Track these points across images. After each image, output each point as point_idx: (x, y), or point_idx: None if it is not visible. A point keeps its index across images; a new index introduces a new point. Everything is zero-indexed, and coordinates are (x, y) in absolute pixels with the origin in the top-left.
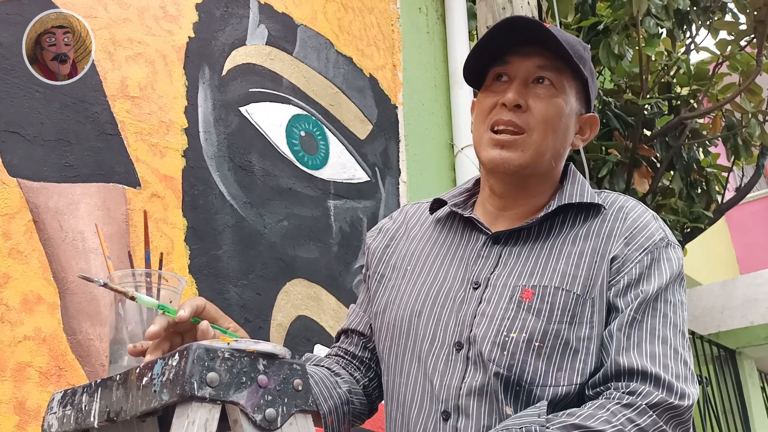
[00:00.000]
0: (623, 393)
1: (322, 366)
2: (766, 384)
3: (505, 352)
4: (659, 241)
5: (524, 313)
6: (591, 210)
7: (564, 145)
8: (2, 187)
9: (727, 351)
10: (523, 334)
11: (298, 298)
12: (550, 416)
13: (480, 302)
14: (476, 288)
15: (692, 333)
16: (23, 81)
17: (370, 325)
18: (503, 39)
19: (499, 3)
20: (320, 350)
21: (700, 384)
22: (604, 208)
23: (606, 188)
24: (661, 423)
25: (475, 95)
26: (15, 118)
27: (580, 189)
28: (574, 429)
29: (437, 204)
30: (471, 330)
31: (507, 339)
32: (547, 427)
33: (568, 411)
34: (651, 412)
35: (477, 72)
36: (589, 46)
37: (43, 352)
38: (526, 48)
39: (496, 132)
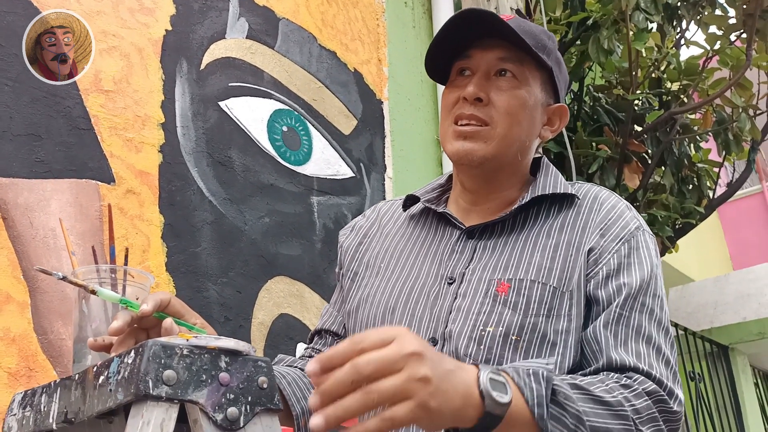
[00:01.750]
0: (620, 376)
1: (295, 367)
2: (759, 380)
3: (482, 347)
4: (635, 229)
5: (500, 307)
6: (565, 201)
7: (530, 137)
8: None
9: (720, 347)
10: (500, 328)
11: (281, 296)
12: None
13: (455, 297)
14: (451, 283)
15: (685, 329)
16: None
17: (344, 324)
18: (465, 33)
19: None
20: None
21: (692, 380)
22: (578, 198)
23: (596, 184)
24: (654, 410)
25: None
26: None
27: (554, 180)
28: (576, 388)
29: (410, 200)
30: (446, 325)
31: (483, 333)
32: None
33: (570, 375)
34: (647, 397)
35: (442, 67)
36: (578, 41)
37: (13, 353)
38: (488, 41)
39: (459, 125)
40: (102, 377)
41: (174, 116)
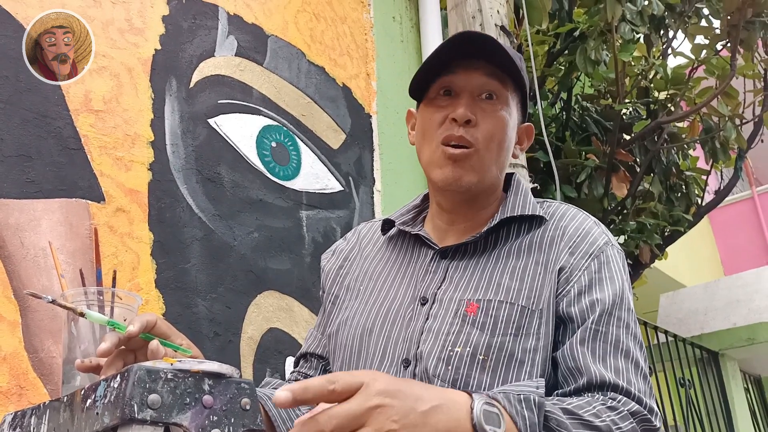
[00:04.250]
0: (605, 398)
1: (267, 391)
2: (749, 385)
3: (450, 367)
4: (603, 245)
5: (468, 327)
6: (534, 220)
7: (508, 157)
8: None
9: (710, 353)
10: (467, 348)
11: (270, 311)
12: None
13: (427, 318)
14: (424, 304)
15: (675, 336)
16: None
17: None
18: (449, 53)
19: (468, 12)
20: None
21: (683, 387)
22: (546, 218)
23: (585, 193)
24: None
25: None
26: None
27: (523, 200)
28: (567, 413)
29: (387, 224)
30: (418, 346)
31: (452, 354)
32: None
33: (558, 397)
34: (632, 419)
35: (420, 84)
36: (566, 51)
37: (3, 371)
38: (471, 61)
39: (449, 147)
40: (89, 400)
41: (163, 134)
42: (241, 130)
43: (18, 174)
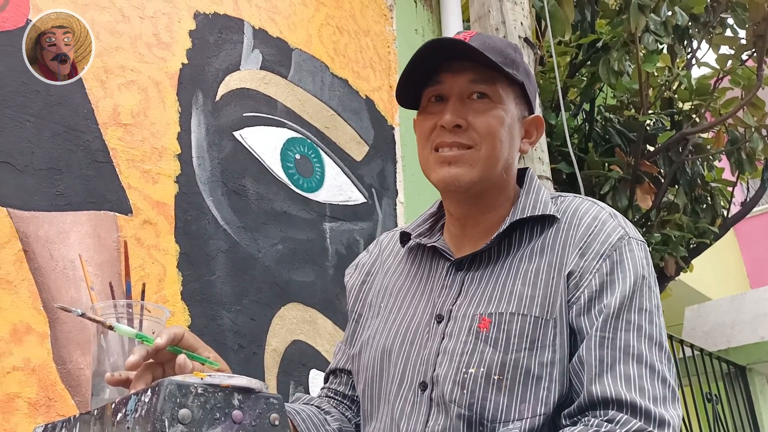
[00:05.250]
0: (602, 420)
1: (311, 404)
2: None
3: (465, 391)
4: (617, 241)
5: (482, 345)
6: (546, 219)
7: (512, 154)
8: None
9: (738, 367)
10: (481, 369)
11: (294, 323)
12: None
13: (443, 338)
14: (440, 321)
15: (701, 350)
16: (14, 111)
17: None
18: (433, 59)
19: (492, 24)
20: (317, 377)
21: (709, 402)
22: (557, 217)
23: (609, 205)
24: None
25: None
26: (6, 148)
27: (534, 199)
28: None
29: (405, 236)
30: (434, 369)
31: (466, 376)
32: None
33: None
34: None
35: (413, 94)
36: (589, 62)
37: (33, 383)
38: (457, 64)
39: (440, 152)
40: (120, 414)
41: (190, 147)
42: (265, 143)
43: (48, 187)
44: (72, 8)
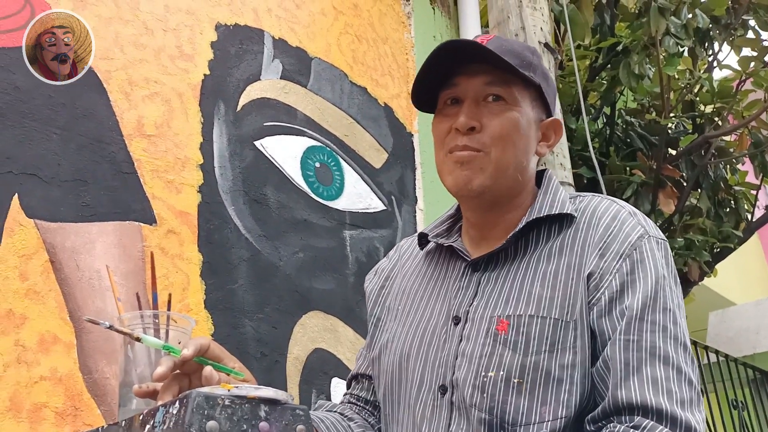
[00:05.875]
0: (627, 427)
1: (335, 411)
2: None
3: (485, 395)
4: (637, 240)
5: (500, 348)
6: (564, 219)
7: (526, 157)
8: (19, 229)
9: (764, 374)
10: (501, 372)
11: (315, 331)
12: None
13: (461, 340)
14: (457, 323)
15: (726, 356)
16: (40, 124)
17: None
18: (449, 61)
19: (511, 30)
20: (338, 384)
21: (735, 409)
22: (575, 216)
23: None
24: None
25: None
26: (32, 161)
27: (552, 199)
28: None
29: (423, 238)
30: (453, 372)
31: (486, 380)
32: None
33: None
34: None
35: (429, 97)
36: (609, 66)
37: (59, 392)
38: (473, 66)
39: (453, 154)
40: (148, 426)
41: (212, 157)
42: (285, 152)
43: (74, 198)
44: (96, 23)
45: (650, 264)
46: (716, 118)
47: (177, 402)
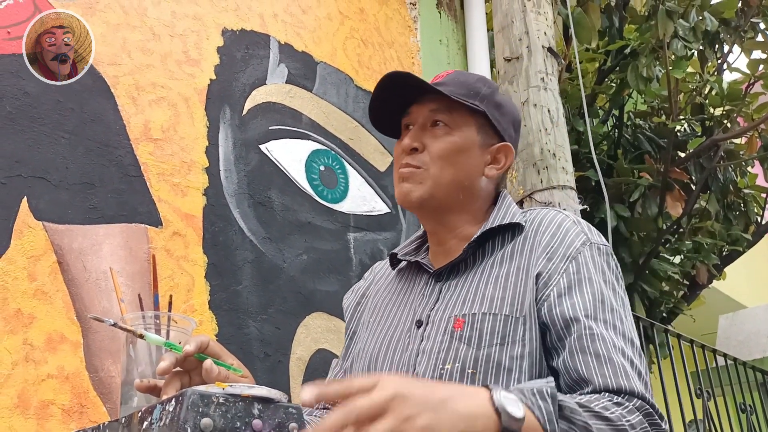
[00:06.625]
0: (612, 396)
1: (314, 416)
2: None
3: None
4: (581, 245)
5: (456, 343)
6: (516, 230)
7: (470, 177)
8: (28, 231)
9: None
10: (456, 364)
11: (318, 332)
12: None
13: (422, 340)
14: (419, 326)
15: (735, 359)
16: (49, 128)
17: None
18: (406, 91)
19: (515, 34)
20: None
21: (743, 413)
22: (524, 225)
23: (638, 212)
24: (646, 424)
25: None
26: (41, 164)
27: (504, 212)
28: (580, 406)
29: (394, 257)
30: (414, 368)
31: (443, 371)
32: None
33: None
34: (638, 413)
35: (393, 124)
36: (617, 68)
37: (66, 390)
38: (426, 96)
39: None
40: (146, 422)
41: (217, 160)
42: (290, 155)
43: (82, 201)
44: (104, 29)
45: (593, 268)
46: (725, 121)
47: (173, 400)
